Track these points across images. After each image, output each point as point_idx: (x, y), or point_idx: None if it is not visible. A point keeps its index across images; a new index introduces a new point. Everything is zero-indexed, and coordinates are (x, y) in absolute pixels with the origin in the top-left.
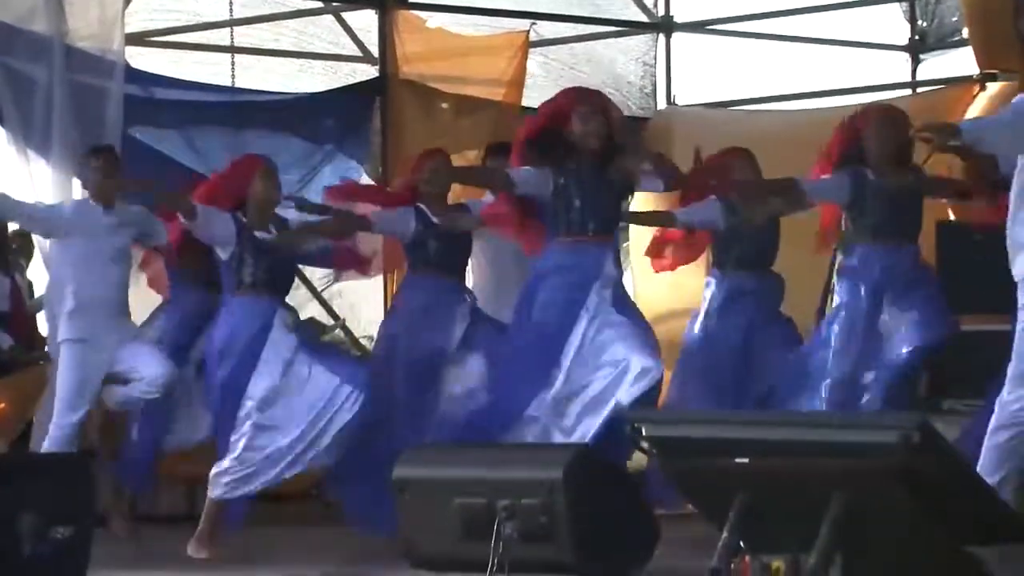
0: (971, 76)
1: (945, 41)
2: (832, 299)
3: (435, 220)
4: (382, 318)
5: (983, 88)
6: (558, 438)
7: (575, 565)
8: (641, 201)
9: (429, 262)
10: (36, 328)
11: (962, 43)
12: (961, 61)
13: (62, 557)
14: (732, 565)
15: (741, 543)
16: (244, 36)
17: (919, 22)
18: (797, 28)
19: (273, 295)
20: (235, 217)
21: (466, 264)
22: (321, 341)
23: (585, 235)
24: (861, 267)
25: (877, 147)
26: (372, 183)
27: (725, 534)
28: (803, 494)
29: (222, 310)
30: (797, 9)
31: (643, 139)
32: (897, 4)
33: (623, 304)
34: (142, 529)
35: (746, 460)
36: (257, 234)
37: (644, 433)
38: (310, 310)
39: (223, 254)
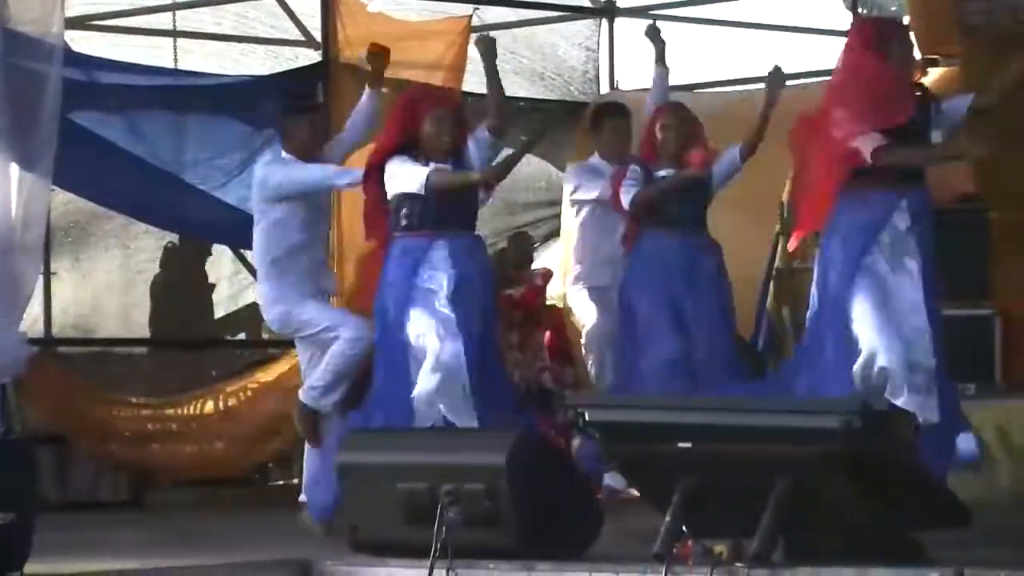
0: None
1: None
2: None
3: None
4: None
5: (924, 74)
6: None
7: (518, 549)
8: None
9: None
10: None
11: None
12: None
13: (2, 544)
14: (675, 549)
15: (684, 527)
16: (186, 20)
17: (860, 8)
18: (739, 13)
19: None
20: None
21: None
22: None
23: None
24: None
25: None
26: None
27: (668, 519)
28: (746, 479)
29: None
30: None
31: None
32: None
33: None
34: (85, 516)
35: (689, 445)
36: None
37: (587, 418)
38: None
39: None
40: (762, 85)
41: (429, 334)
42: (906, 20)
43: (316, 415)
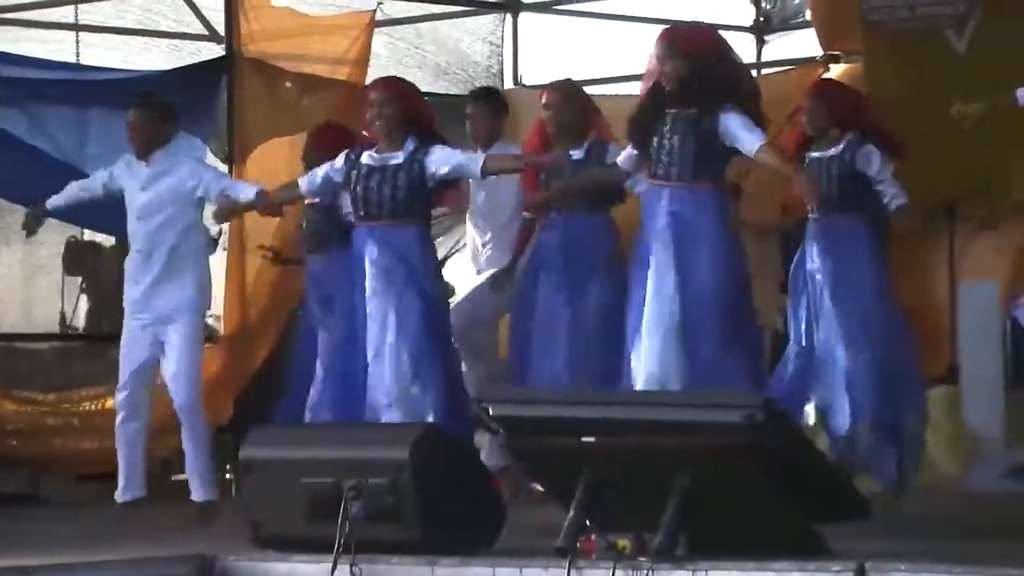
0: (815, 58)
1: (789, 23)
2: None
3: None
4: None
5: (827, 69)
6: None
7: (421, 544)
8: None
9: None
10: None
11: (805, 25)
12: (805, 42)
13: None
14: (578, 544)
15: (587, 522)
16: (88, 13)
17: (763, 4)
18: (644, 8)
19: None
20: None
21: None
22: None
23: None
24: None
25: None
26: None
27: (571, 513)
28: (649, 473)
29: None
30: None
31: None
32: None
33: None
34: None
35: (592, 439)
36: None
37: (491, 412)
38: None
39: None
40: None
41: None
42: (808, 16)
43: None
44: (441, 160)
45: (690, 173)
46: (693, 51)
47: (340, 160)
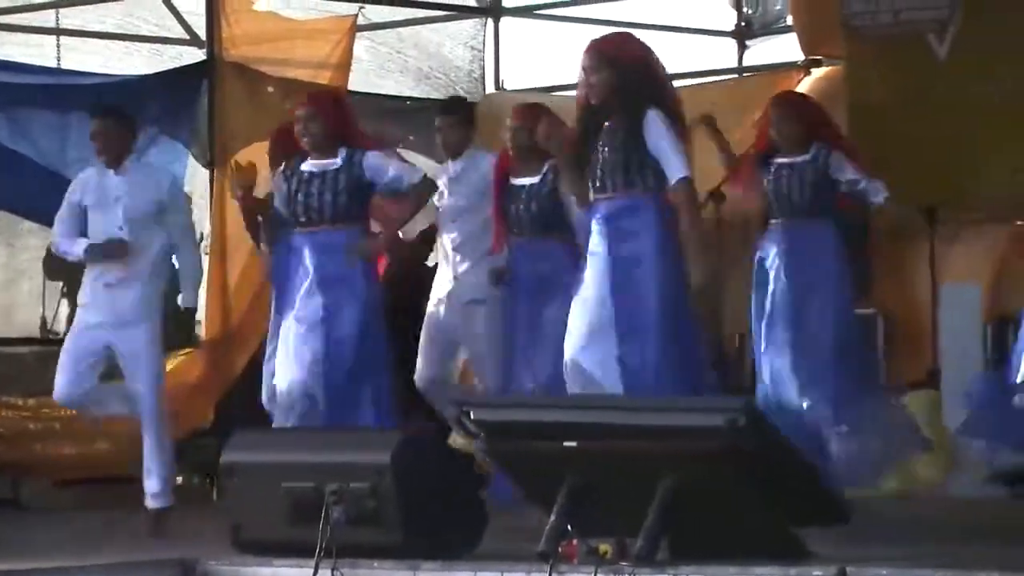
0: (796, 62)
1: (770, 27)
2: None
3: None
4: None
5: (808, 73)
6: None
7: (403, 548)
8: None
9: None
10: None
11: (787, 29)
12: (786, 47)
13: None
14: (560, 548)
15: (569, 526)
16: (69, 18)
17: (745, 9)
18: (625, 13)
19: None
20: None
21: None
22: None
23: None
24: None
25: None
26: None
27: (553, 518)
28: (631, 477)
29: None
30: None
31: None
32: None
33: None
34: None
35: (574, 444)
36: None
37: (471, 417)
38: None
39: None
40: None
41: None
42: (790, 20)
43: None
44: (376, 169)
45: (623, 183)
46: (620, 61)
47: (280, 169)
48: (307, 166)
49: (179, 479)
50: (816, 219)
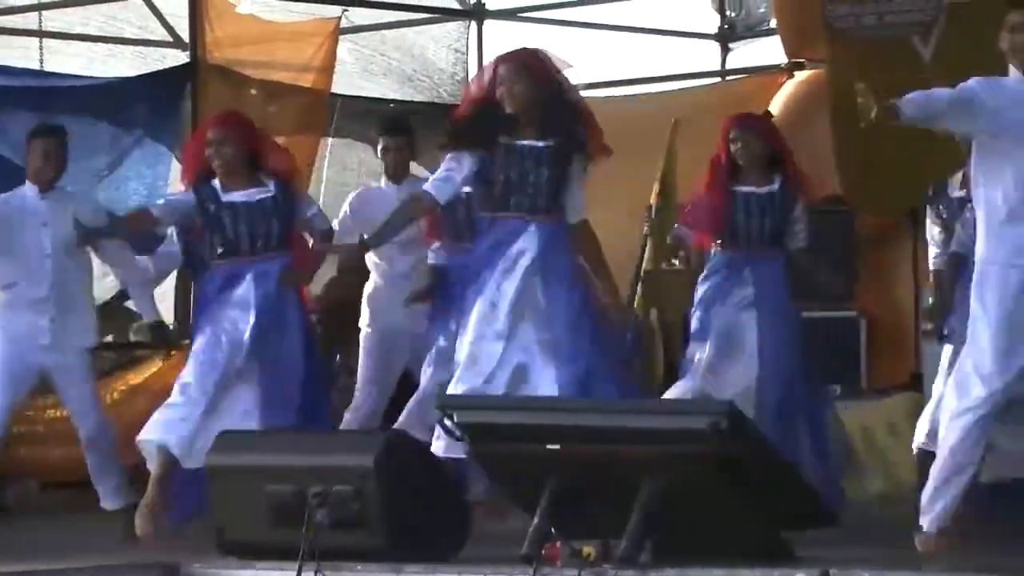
0: (779, 65)
1: (754, 30)
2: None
3: None
4: None
5: (791, 76)
6: None
7: (386, 551)
8: None
9: None
10: None
11: (770, 32)
12: (769, 49)
13: None
14: (543, 551)
15: (552, 529)
16: (52, 20)
17: (728, 12)
18: (609, 16)
19: None
20: None
21: None
22: None
23: None
24: None
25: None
26: None
27: (536, 520)
28: (614, 480)
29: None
30: None
31: None
32: None
33: None
34: None
35: (557, 447)
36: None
37: (456, 419)
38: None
39: None
40: (635, 88)
41: None
42: (773, 23)
43: None
44: (300, 204)
45: (544, 204)
46: (542, 76)
47: (190, 193)
48: (239, 196)
49: None
50: (773, 249)
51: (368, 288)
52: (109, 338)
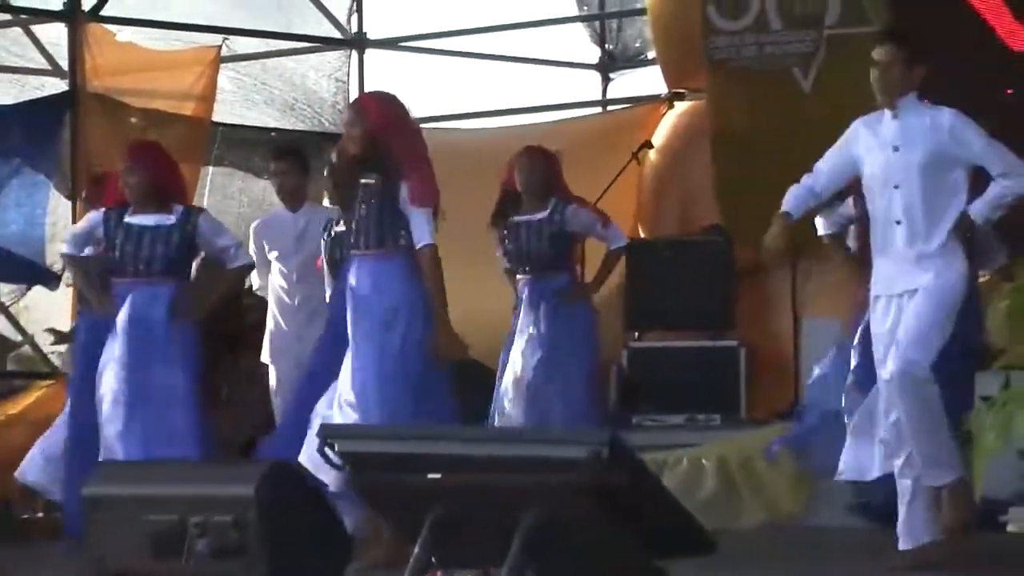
0: (660, 95)
1: (633, 60)
2: None
3: None
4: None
5: (671, 106)
6: None
7: None
8: None
9: None
10: None
11: (651, 62)
12: (650, 79)
13: None
14: None
15: (433, 558)
16: None
17: (607, 44)
18: (490, 46)
19: None
20: None
21: None
22: None
23: None
24: None
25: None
26: None
27: (417, 549)
28: (495, 509)
29: None
30: (490, 27)
31: None
32: (584, 25)
33: None
34: None
35: (438, 476)
36: None
37: (336, 448)
38: None
39: None
40: (517, 118)
41: None
42: (652, 55)
43: None
44: (208, 236)
45: (376, 240)
46: (378, 119)
47: (98, 218)
48: (138, 219)
49: (40, 514)
50: (557, 272)
51: (269, 323)
52: None
